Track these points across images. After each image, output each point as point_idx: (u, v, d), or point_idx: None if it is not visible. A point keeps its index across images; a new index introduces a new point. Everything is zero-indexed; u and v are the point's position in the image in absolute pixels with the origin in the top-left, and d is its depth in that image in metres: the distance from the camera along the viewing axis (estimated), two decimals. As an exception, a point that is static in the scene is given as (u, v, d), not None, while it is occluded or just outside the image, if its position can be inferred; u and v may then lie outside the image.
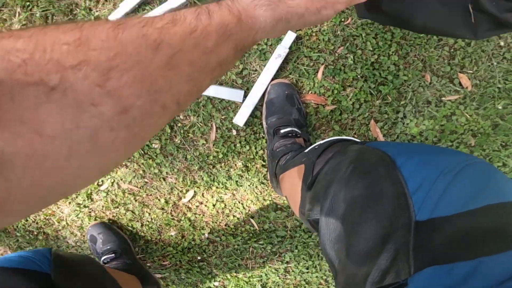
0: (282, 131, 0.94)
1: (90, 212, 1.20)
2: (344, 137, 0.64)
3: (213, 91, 1.04)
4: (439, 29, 0.48)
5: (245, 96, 1.04)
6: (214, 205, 1.15)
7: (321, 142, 0.66)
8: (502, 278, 0.29)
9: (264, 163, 1.09)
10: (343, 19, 1.01)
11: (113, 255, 1.08)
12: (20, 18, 1.10)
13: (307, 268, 1.18)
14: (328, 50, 1.02)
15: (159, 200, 1.16)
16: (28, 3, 1.10)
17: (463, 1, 0.50)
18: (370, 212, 0.37)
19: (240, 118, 1.04)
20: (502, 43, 1.00)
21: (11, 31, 0.21)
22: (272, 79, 1.02)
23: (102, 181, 1.16)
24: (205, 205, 1.16)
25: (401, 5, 0.45)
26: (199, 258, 1.21)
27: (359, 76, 1.01)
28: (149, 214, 1.18)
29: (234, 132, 1.08)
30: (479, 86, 1.01)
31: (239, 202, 1.14)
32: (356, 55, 1.01)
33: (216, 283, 1.25)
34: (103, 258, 1.09)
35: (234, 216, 1.16)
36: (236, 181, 1.12)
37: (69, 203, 1.18)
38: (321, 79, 1.02)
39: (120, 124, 0.23)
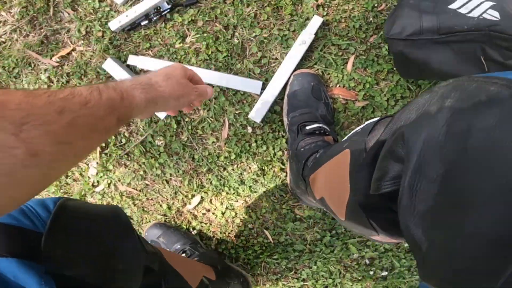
0: (308, 127, 0.81)
1: (82, 216, 1.05)
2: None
3: (226, 80, 0.92)
4: (454, 74, 0.61)
5: (263, 88, 0.91)
6: (223, 213, 1.00)
7: (363, 125, 0.53)
8: None
9: (283, 167, 0.95)
10: (376, 4, 0.89)
11: (183, 255, 0.92)
12: (20, 0, 1.00)
13: (326, 287, 1.02)
14: (359, 38, 0.90)
15: (161, 205, 1.02)
16: None
17: (474, 52, 0.71)
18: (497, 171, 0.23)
19: (257, 113, 0.91)
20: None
21: None
22: (295, 69, 0.89)
23: (98, 181, 1.02)
24: (213, 213, 1.01)
25: (420, 52, 0.70)
26: (203, 274, 1.05)
27: (395, 69, 0.88)
28: (150, 221, 1.03)
29: (250, 129, 0.95)
30: None
31: (252, 211, 1.00)
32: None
33: (222, 304, 1.08)
34: None
35: (245, 226, 1.01)
36: (250, 187, 0.98)
37: (60, 205, 1.04)
38: (351, 71, 0.90)
39: (32, 163, 0.29)
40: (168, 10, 0.94)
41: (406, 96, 0.88)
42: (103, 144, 1.00)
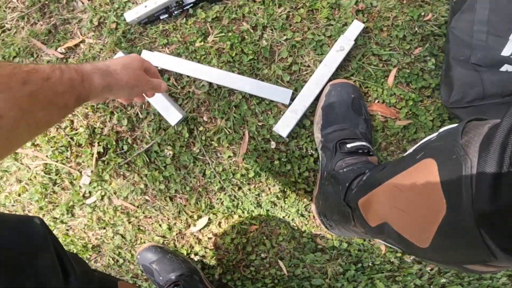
0: (349, 145, 0.69)
1: (68, 230, 0.90)
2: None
3: (250, 86, 0.80)
4: None
5: (292, 98, 0.80)
6: (232, 239, 0.86)
7: (438, 133, 0.44)
8: None
9: (308, 189, 0.82)
10: (422, 13, 0.80)
11: None
12: None
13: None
14: (403, 49, 0.80)
15: (160, 225, 0.87)
16: None
17: None
18: None
19: (284, 127, 0.79)
20: None
21: None
22: (330, 79, 0.79)
23: (90, 192, 0.88)
24: (221, 238, 0.86)
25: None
26: (203, 310, 0.89)
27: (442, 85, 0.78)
28: (145, 242, 0.88)
29: (273, 144, 0.82)
30: None
31: (266, 238, 0.85)
32: (439, 59, 0.79)
33: None
34: None
35: (257, 255, 0.86)
36: (267, 210, 0.84)
37: (43, 215, 0.89)
38: (392, 85, 0.79)
39: None
40: (192, 4, 0.84)
41: (453, 118, 0.77)
42: (101, 150, 0.86)
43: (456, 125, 0.41)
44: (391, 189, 0.47)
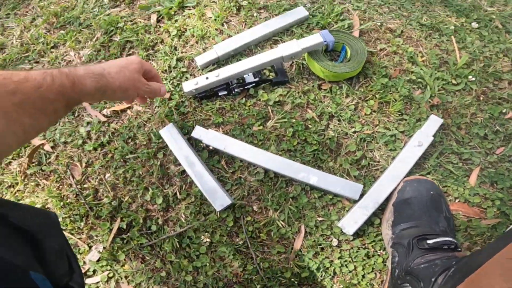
0: (430, 241, 0.59)
1: None
2: None
3: (315, 177, 0.71)
4: None
5: (360, 194, 0.70)
6: None
7: None
8: None
9: (376, 298, 0.68)
10: (503, 111, 0.74)
11: None
12: (95, 42, 0.88)
13: None
14: (484, 149, 0.72)
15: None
16: (112, 29, 0.91)
17: None
18: None
19: (351, 223, 0.68)
20: None
21: None
22: (405, 176, 0.70)
23: (95, 271, 0.73)
24: None
25: None
26: None
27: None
28: None
29: (335, 242, 0.71)
30: None
31: None
32: (526, 160, 0.71)
33: None
34: None
35: None
36: (326, 323, 0.69)
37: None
38: (475, 185, 0.70)
39: None
40: (253, 84, 0.79)
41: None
42: (124, 227, 0.74)
43: None
44: (502, 264, 0.39)
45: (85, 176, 0.78)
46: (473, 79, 0.78)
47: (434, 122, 0.71)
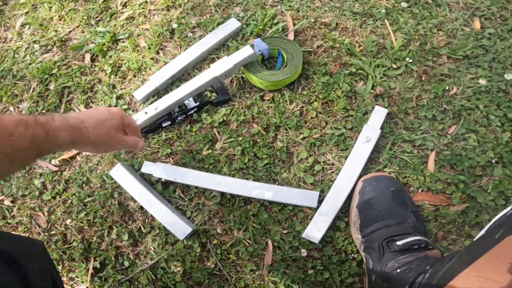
0: (399, 242, 0.57)
1: None
2: None
3: (270, 193, 0.68)
4: None
5: (319, 201, 0.67)
6: None
7: None
8: None
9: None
10: (446, 88, 0.71)
11: None
12: (32, 94, 0.85)
13: None
14: (436, 131, 0.69)
15: None
16: (46, 76, 0.88)
17: None
18: None
19: (315, 232, 0.65)
20: None
21: None
22: (360, 175, 0.67)
23: None
24: None
25: None
26: None
27: (493, 161, 0.66)
28: None
29: (304, 252, 0.68)
30: None
31: None
32: (479, 133, 0.68)
33: None
34: None
35: None
36: (310, 338, 0.66)
37: None
38: (434, 171, 0.67)
39: None
40: (195, 109, 0.76)
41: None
42: (98, 266, 0.72)
43: None
44: (474, 279, 0.39)
45: (50, 224, 0.77)
46: (411, 60, 0.75)
47: (379, 113, 0.68)
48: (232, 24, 0.85)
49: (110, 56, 0.88)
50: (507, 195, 0.64)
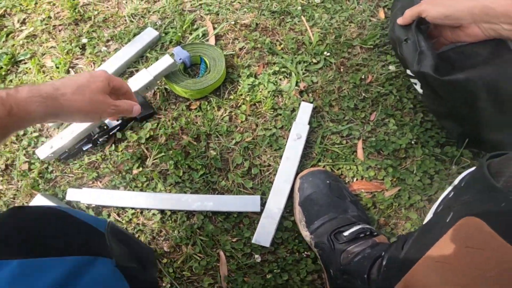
0: (346, 233, 0.57)
1: None
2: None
3: (211, 203, 0.64)
4: None
5: (262, 204, 0.65)
6: None
7: (456, 183, 0.45)
8: None
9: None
10: (362, 76, 0.73)
11: None
12: None
13: None
14: (359, 119, 0.71)
15: None
16: None
17: None
18: None
19: (264, 236, 0.63)
20: None
21: None
22: (298, 172, 0.66)
23: None
24: None
25: None
26: None
27: (412, 142, 0.69)
28: None
29: (258, 258, 0.65)
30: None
31: None
32: (396, 117, 0.71)
33: None
34: None
35: None
36: None
37: None
38: (364, 159, 0.68)
39: None
40: (118, 127, 0.69)
41: (440, 170, 0.67)
42: None
43: (470, 171, 0.40)
44: (434, 265, 0.38)
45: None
46: (328, 54, 0.76)
47: (306, 109, 0.68)
48: (149, 34, 0.78)
49: (11, 81, 0.77)
50: (430, 174, 0.67)
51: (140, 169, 0.68)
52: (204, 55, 0.73)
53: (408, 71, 0.62)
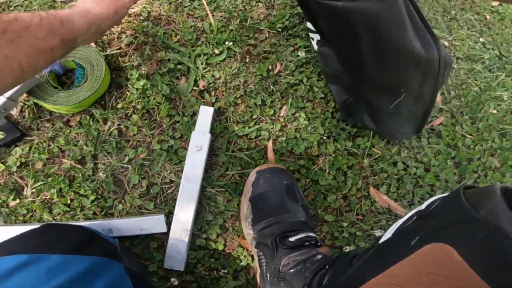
0: (292, 239, 0.53)
1: None
2: None
3: (108, 228, 0.55)
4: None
5: (168, 222, 0.57)
6: None
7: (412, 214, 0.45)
8: None
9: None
10: (270, 67, 0.65)
11: None
12: None
13: None
14: (268, 116, 0.63)
15: None
16: None
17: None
18: None
19: (176, 259, 0.56)
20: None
21: None
22: (202, 186, 0.58)
23: None
24: None
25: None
26: None
27: (324, 137, 0.63)
28: None
29: (175, 281, 0.58)
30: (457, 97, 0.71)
31: None
32: (307, 110, 0.64)
33: None
34: None
35: None
36: None
37: None
38: (274, 160, 0.62)
39: None
40: (-24, 165, 0.55)
41: (353, 164, 0.63)
42: None
43: (440, 198, 0.39)
44: (388, 287, 0.36)
45: None
46: (232, 43, 0.66)
47: (206, 114, 0.59)
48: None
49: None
50: (344, 170, 0.62)
51: (18, 200, 0.57)
52: (79, 59, 0.60)
53: (308, 24, 0.58)
